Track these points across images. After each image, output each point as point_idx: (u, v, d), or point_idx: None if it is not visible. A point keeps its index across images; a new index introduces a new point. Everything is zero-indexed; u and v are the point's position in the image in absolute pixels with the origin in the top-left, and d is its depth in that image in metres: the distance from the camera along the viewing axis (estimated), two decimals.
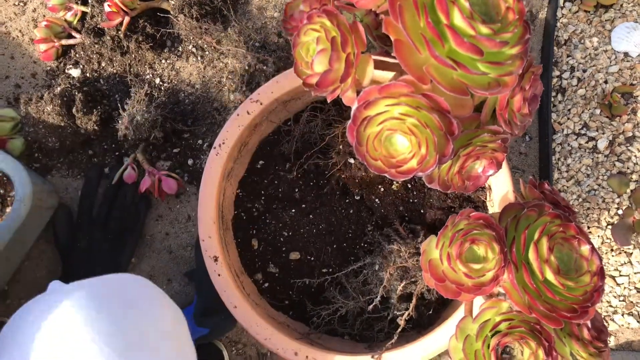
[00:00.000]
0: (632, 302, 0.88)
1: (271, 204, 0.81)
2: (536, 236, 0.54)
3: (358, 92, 0.52)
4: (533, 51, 0.98)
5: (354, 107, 0.52)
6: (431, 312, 0.74)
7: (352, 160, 0.77)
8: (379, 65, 0.57)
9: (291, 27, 0.63)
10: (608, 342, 0.55)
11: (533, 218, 0.55)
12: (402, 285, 0.71)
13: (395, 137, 0.51)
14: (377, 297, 0.71)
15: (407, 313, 0.70)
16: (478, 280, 0.54)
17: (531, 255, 0.53)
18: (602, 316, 0.89)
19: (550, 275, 0.52)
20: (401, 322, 0.70)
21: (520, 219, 0.56)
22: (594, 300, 0.52)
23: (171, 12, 0.98)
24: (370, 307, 0.71)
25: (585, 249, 0.53)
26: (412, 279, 0.72)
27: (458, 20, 0.43)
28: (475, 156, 0.57)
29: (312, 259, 0.79)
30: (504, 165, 0.70)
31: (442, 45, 0.44)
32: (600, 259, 0.54)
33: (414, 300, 0.70)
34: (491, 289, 0.54)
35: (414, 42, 0.44)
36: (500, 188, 0.70)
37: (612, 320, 0.89)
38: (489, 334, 0.55)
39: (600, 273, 0.53)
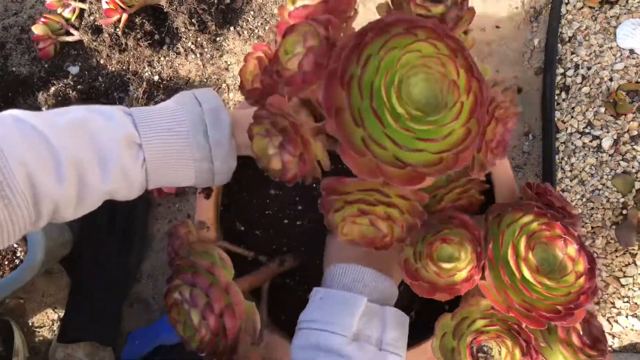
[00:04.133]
0: (636, 303, 0.87)
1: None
2: (516, 234, 0.53)
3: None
4: (536, 49, 0.97)
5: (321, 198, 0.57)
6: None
7: None
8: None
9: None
10: (607, 351, 0.54)
11: (516, 217, 0.54)
12: None
13: (360, 226, 0.56)
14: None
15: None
16: (450, 280, 0.53)
17: (509, 253, 0.52)
18: (606, 317, 0.88)
19: (527, 274, 0.51)
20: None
21: (503, 217, 0.55)
22: (580, 303, 0.50)
23: (164, 6, 0.97)
24: None
25: (571, 249, 0.52)
26: None
27: (393, 125, 0.43)
28: (452, 208, 0.60)
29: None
30: (506, 165, 0.69)
31: (383, 148, 0.44)
32: (592, 260, 0.52)
33: None
34: (465, 288, 0.53)
35: (355, 147, 0.44)
36: (502, 187, 0.69)
37: (616, 321, 0.87)
38: (466, 332, 0.54)
39: (589, 274, 0.51)
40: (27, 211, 0.50)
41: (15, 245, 0.89)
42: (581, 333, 0.54)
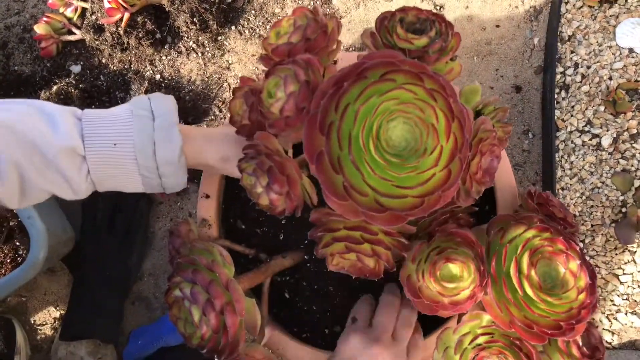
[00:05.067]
0: (635, 300, 0.87)
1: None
2: (519, 250, 0.53)
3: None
4: (536, 48, 0.97)
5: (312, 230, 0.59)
6: None
7: None
8: None
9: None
10: (603, 359, 0.54)
11: (519, 231, 0.54)
12: None
13: (349, 260, 0.58)
14: None
15: None
16: (453, 299, 0.54)
17: (511, 270, 0.52)
18: (606, 314, 0.88)
19: (529, 291, 0.51)
20: None
21: (506, 231, 0.55)
22: (581, 318, 0.50)
23: (166, 5, 0.97)
24: None
25: (573, 264, 0.52)
26: None
27: (372, 176, 0.44)
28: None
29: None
30: (509, 172, 0.69)
31: (364, 195, 0.45)
32: (593, 275, 0.52)
33: None
34: (468, 306, 0.53)
35: (336, 193, 0.45)
36: (504, 192, 0.69)
37: (616, 319, 0.88)
38: (468, 347, 0.54)
39: (590, 290, 0.51)
40: None
41: (17, 244, 0.90)
42: (580, 344, 0.54)
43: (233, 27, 1.03)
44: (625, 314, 0.88)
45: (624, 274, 0.88)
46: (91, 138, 0.55)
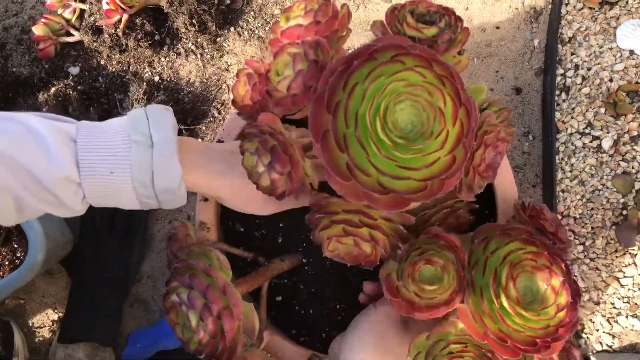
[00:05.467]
0: (636, 303, 0.87)
1: None
2: (499, 262, 0.52)
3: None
4: (537, 50, 0.97)
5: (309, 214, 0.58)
6: None
7: None
8: None
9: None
10: None
11: (503, 243, 0.53)
12: None
13: (346, 245, 0.58)
14: None
15: None
16: (430, 302, 0.53)
17: (490, 281, 0.51)
18: (606, 317, 0.88)
19: (505, 304, 0.50)
20: None
21: (489, 241, 0.55)
22: (558, 336, 0.49)
23: (164, 7, 0.97)
24: None
25: (556, 281, 0.51)
26: None
27: (377, 154, 0.43)
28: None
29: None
30: (509, 177, 0.69)
31: (367, 175, 0.44)
32: (576, 293, 0.51)
33: None
34: (444, 311, 0.52)
35: (340, 173, 0.44)
36: (503, 194, 0.69)
37: (616, 322, 0.87)
38: (440, 354, 0.53)
39: (570, 307, 0.50)
40: None
41: (15, 246, 0.89)
42: None
43: (232, 29, 1.03)
44: (626, 316, 0.87)
45: (624, 276, 0.87)
46: (87, 166, 0.53)
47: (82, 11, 1.02)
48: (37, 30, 1.00)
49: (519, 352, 0.49)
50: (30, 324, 1.01)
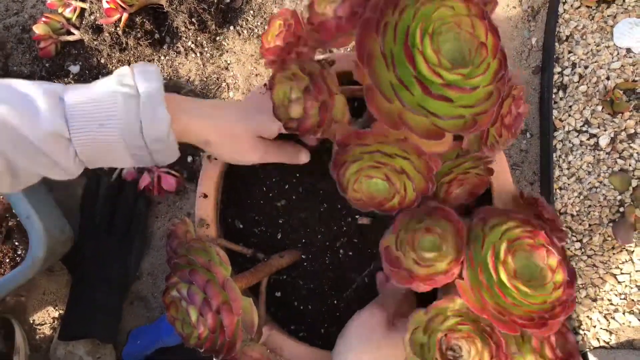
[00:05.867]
0: (633, 300, 0.87)
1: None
2: (498, 237, 0.52)
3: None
4: (534, 48, 0.97)
5: (333, 150, 0.55)
6: None
7: None
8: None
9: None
10: None
11: (501, 221, 0.54)
12: None
13: (373, 181, 0.55)
14: None
15: None
16: (429, 270, 0.53)
17: (488, 254, 0.52)
18: (603, 314, 0.89)
19: (504, 277, 0.50)
20: None
21: (488, 219, 0.55)
22: (555, 313, 0.50)
23: (164, 6, 0.98)
24: None
25: (553, 259, 0.51)
26: None
27: (424, 69, 0.43)
28: (459, 183, 0.60)
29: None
30: (505, 168, 0.69)
31: (411, 93, 0.44)
32: (572, 274, 0.52)
33: None
34: (443, 281, 0.53)
35: (383, 92, 0.44)
36: (500, 192, 0.69)
37: (613, 318, 0.88)
38: (438, 328, 0.53)
39: (567, 286, 0.51)
40: None
41: (16, 244, 0.90)
42: (555, 346, 0.54)
43: (231, 27, 1.03)
44: (623, 313, 0.88)
45: (621, 273, 0.88)
46: (75, 120, 0.54)
47: (83, 10, 1.03)
48: (38, 29, 1.00)
49: (516, 326, 0.50)
50: (31, 321, 1.02)
